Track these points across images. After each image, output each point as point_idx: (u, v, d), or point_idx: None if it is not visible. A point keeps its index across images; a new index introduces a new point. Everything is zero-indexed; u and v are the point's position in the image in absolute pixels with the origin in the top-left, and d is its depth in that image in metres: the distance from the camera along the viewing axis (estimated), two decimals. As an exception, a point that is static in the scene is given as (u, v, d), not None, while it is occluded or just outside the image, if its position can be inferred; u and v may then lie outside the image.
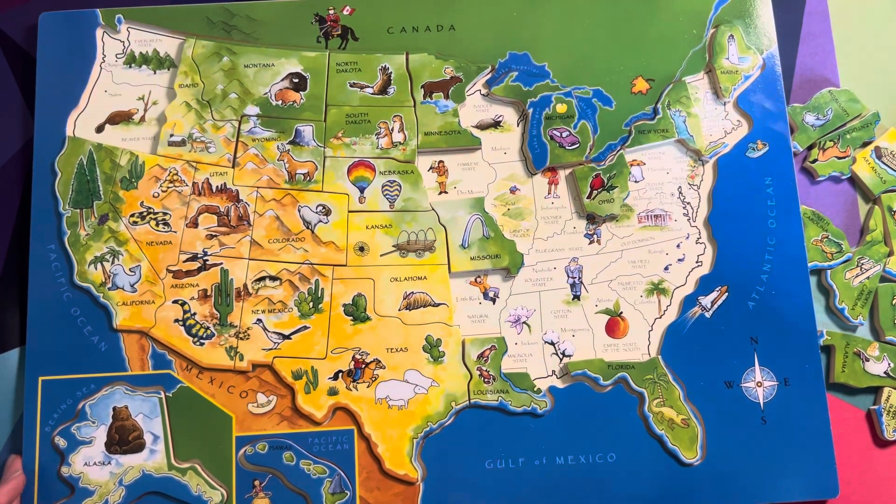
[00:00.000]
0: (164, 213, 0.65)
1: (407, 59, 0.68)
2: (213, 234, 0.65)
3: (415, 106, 0.67)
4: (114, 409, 0.62)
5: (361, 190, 0.66)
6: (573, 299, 0.65)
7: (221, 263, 0.64)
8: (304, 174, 0.66)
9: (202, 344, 0.63)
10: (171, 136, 0.66)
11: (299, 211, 0.65)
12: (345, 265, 0.65)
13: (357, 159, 0.66)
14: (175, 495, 0.61)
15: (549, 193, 0.67)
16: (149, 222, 0.65)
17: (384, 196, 0.66)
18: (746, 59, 0.68)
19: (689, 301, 0.65)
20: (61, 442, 0.61)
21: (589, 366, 0.63)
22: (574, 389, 0.63)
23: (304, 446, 0.62)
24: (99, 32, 0.68)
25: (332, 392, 0.63)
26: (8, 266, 0.66)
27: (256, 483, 0.61)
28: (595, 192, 0.66)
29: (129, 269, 0.64)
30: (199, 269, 0.64)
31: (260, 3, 0.69)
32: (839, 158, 0.68)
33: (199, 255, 0.64)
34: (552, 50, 0.68)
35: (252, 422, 0.62)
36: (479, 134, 0.67)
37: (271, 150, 0.66)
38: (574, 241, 0.66)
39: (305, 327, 0.64)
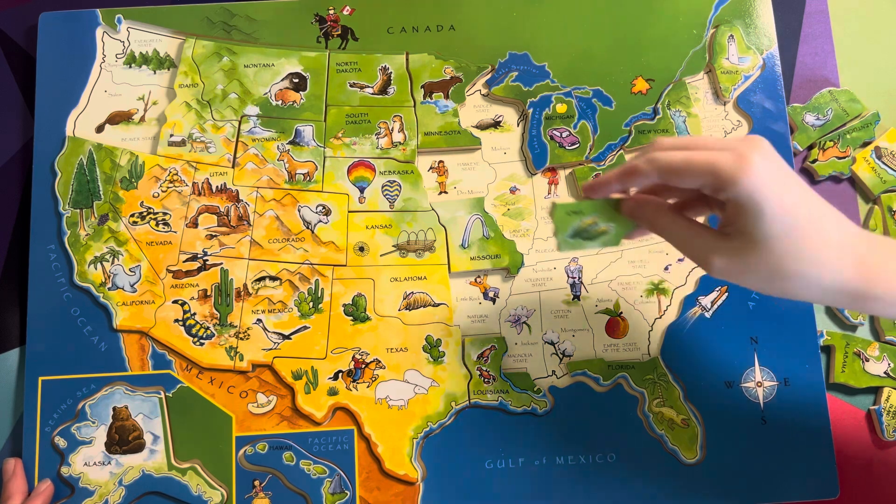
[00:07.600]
0: (164, 213, 0.65)
1: (407, 59, 0.68)
2: (213, 234, 0.65)
3: (415, 106, 0.67)
4: (114, 409, 0.62)
5: (361, 190, 0.66)
6: (573, 299, 0.65)
7: (221, 263, 0.64)
8: (304, 174, 0.66)
9: (202, 344, 0.63)
10: (171, 136, 0.66)
11: (299, 211, 0.65)
12: (345, 265, 0.65)
13: (357, 159, 0.66)
14: (175, 495, 0.61)
15: (549, 193, 0.67)
16: (149, 222, 0.65)
17: (384, 196, 0.66)
18: (746, 59, 0.68)
19: (689, 301, 0.64)
20: (61, 442, 0.61)
21: (589, 366, 0.63)
22: (574, 389, 0.63)
23: (304, 446, 0.62)
24: (99, 32, 0.68)
25: (332, 392, 0.63)
26: (8, 266, 0.66)
27: (256, 483, 0.61)
28: (595, 192, 0.66)
29: (129, 269, 0.64)
30: (199, 269, 0.64)
31: (260, 3, 0.69)
32: (839, 158, 0.68)
33: (199, 255, 0.64)
34: (552, 50, 0.68)
35: (252, 422, 0.62)
36: (479, 134, 0.67)
37: (271, 150, 0.66)
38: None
39: (305, 327, 0.64)
